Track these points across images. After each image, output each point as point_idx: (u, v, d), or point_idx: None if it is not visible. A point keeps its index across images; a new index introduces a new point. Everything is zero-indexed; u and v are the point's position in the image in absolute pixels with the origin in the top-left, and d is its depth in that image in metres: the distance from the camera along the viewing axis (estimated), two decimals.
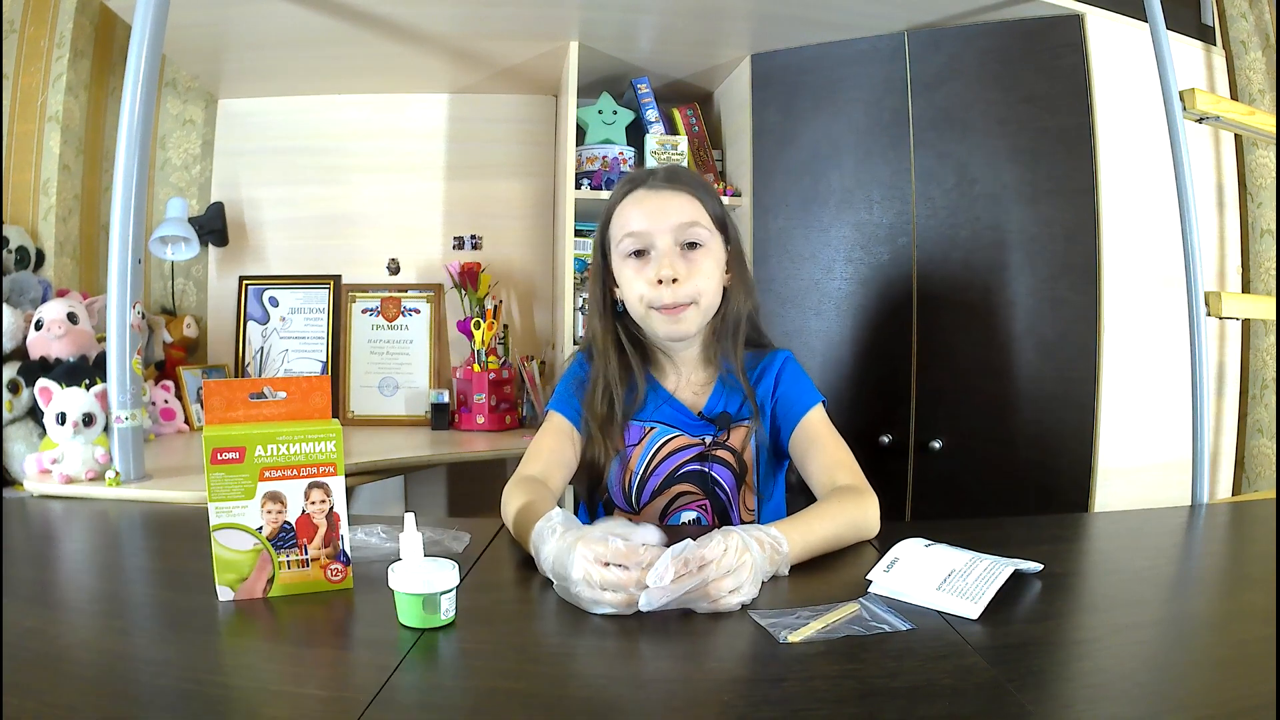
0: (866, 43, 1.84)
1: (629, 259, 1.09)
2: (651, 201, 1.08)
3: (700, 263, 1.07)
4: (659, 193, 1.09)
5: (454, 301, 2.21)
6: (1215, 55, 1.89)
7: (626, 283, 1.09)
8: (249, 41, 1.90)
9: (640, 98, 2.04)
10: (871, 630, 0.69)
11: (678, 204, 1.08)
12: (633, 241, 1.08)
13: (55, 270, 1.98)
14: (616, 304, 1.13)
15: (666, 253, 1.06)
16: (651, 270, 1.06)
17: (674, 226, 1.07)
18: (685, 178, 1.12)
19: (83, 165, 2.10)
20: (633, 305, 1.10)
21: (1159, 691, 0.61)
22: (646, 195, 1.09)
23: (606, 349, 1.13)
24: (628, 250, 1.08)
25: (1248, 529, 1.18)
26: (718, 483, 1.11)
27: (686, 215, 1.07)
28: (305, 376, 1.03)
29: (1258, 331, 1.91)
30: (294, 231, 2.27)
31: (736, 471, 1.12)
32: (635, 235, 1.07)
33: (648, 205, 1.08)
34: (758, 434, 1.12)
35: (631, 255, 1.08)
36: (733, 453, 1.12)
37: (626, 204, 1.10)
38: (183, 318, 2.19)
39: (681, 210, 1.08)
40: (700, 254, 1.08)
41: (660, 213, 1.07)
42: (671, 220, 1.07)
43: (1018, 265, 1.75)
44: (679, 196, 1.09)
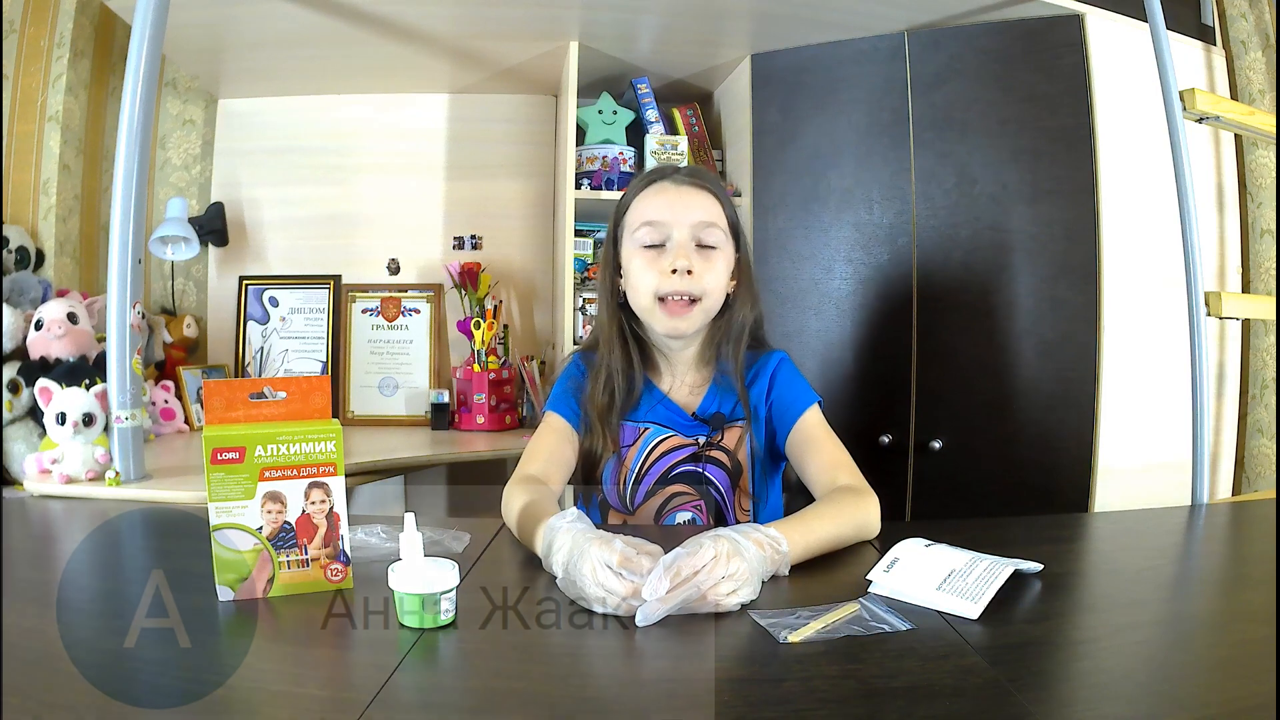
0: (866, 43, 1.84)
1: (642, 250, 1.08)
2: (674, 194, 1.09)
3: (713, 263, 1.08)
4: (682, 187, 1.10)
5: (454, 301, 2.21)
6: (1215, 55, 1.89)
7: (636, 273, 1.09)
8: (249, 41, 1.90)
9: (640, 98, 2.04)
10: (871, 630, 0.69)
11: (700, 201, 1.09)
12: (649, 231, 1.08)
13: (55, 270, 1.99)
14: (620, 295, 1.13)
15: (682, 244, 1.06)
16: (666, 260, 1.06)
17: (693, 223, 1.07)
18: (709, 178, 1.13)
19: (83, 165, 2.10)
20: (639, 298, 1.09)
21: (1159, 691, 0.61)
22: (670, 187, 1.10)
23: (612, 338, 1.13)
24: (642, 240, 1.08)
25: (1248, 529, 1.18)
26: (712, 483, 1.11)
27: (707, 215, 1.08)
28: (305, 376, 1.03)
29: (1258, 331, 1.91)
30: (294, 231, 2.27)
31: (731, 472, 1.12)
32: (654, 225, 1.07)
33: (670, 196, 1.09)
34: (751, 435, 1.12)
35: (645, 247, 1.08)
36: (726, 453, 1.12)
37: (648, 193, 1.10)
38: (183, 318, 2.19)
39: (703, 208, 1.08)
40: (714, 255, 1.08)
41: (682, 206, 1.08)
42: (692, 216, 1.07)
43: (1018, 265, 1.75)
44: (702, 194, 1.09)
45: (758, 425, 1.13)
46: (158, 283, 2.28)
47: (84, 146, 2.10)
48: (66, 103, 2.01)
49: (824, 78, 1.88)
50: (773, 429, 1.13)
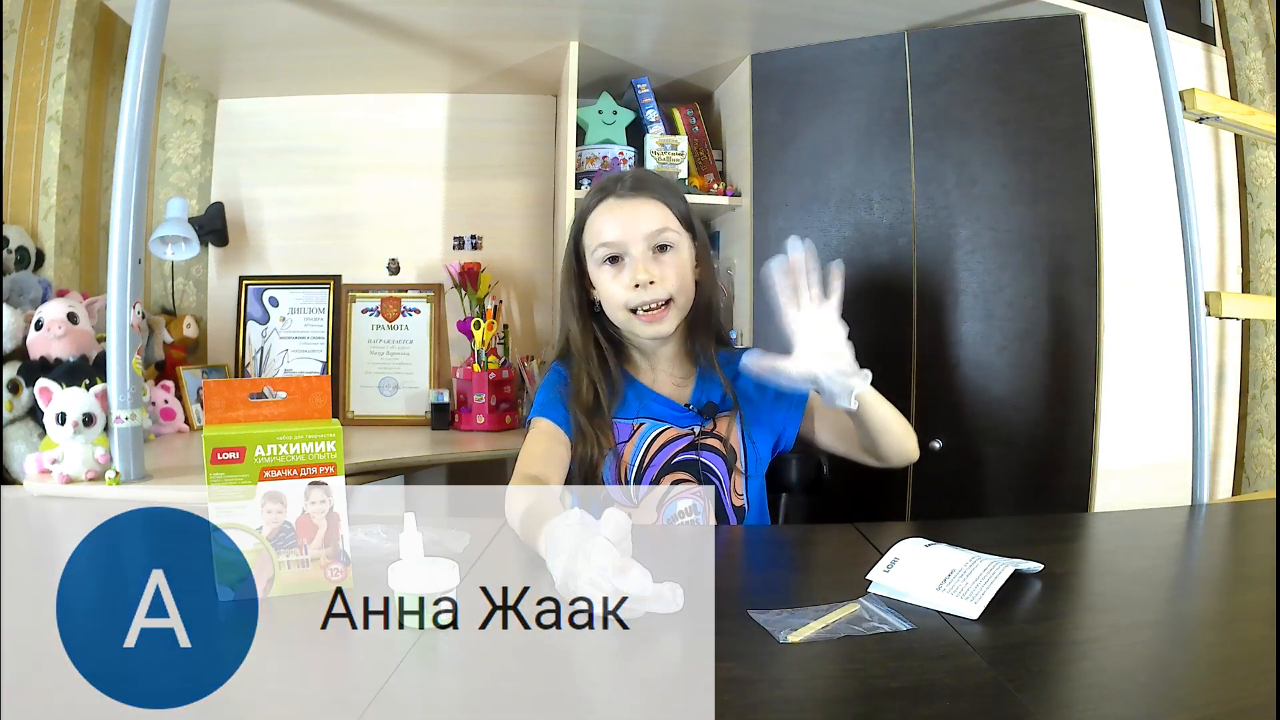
0: (866, 43, 1.84)
1: (604, 265, 1.14)
2: (622, 211, 1.14)
3: (672, 263, 1.13)
4: (627, 201, 1.15)
5: (454, 301, 2.21)
6: (1215, 55, 1.89)
7: (604, 286, 1.15)
8: (249, 41, 1.90)
9: (640, 98, 2.04)
10: (871, 630, 0.69)
11: (647, 212, 1.14)
12: (607, 250, 1.14)
13: (55, 270, 1.98)
14: (593, 304, 1.18)
15: (640, 258, 1.12)
16: (627, 276, 1.12)
17: (645, 234, 1.13)
18: (651, 182, 1.18)
19: (83, 165, 2.10)
20: (613, 311, 1.15)
21: (1159, 691, 0.61)
22: (617, 204, 1.15)
23: (586, 347, 1.17)
24: (602, 258, 1.14)
25: (1248, 529, 1.18)
26: (710, 469, 1.15)
27: (656, 222, 1.13)
28: (305, 376, 1.03)
29: (1258, 331, 1.91)
30: (294, 231, 2.26)
31: (726, 458, 1.16)
32: (609, 245, 1.14)
33: (618, 214, 1.14)
34: (743, 421, 1.17)
35: (606, 262, 1.14)
36: (721, 440, 1.16)
37: (598, 213, 1.16)
38: (183, 318, 2.19)
39: (651, 218, 1.13)
40: (671, 255, 1.14)
41: (631, 222, 1.13)
42: (642, 229, 1.13)
43: (1018, 265, 1.75)
44: (647, 204, 1.14)
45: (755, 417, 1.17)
46: (158, 283, 2.28)
47: (84, 146, 2.10)
48: (66, 103, 2.01)
49: (824, 78, 1.88)
50: (778, 415, 1.17)
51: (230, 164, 2.26)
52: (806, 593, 0.80)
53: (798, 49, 1.90)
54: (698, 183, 2.02)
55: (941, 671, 0.62)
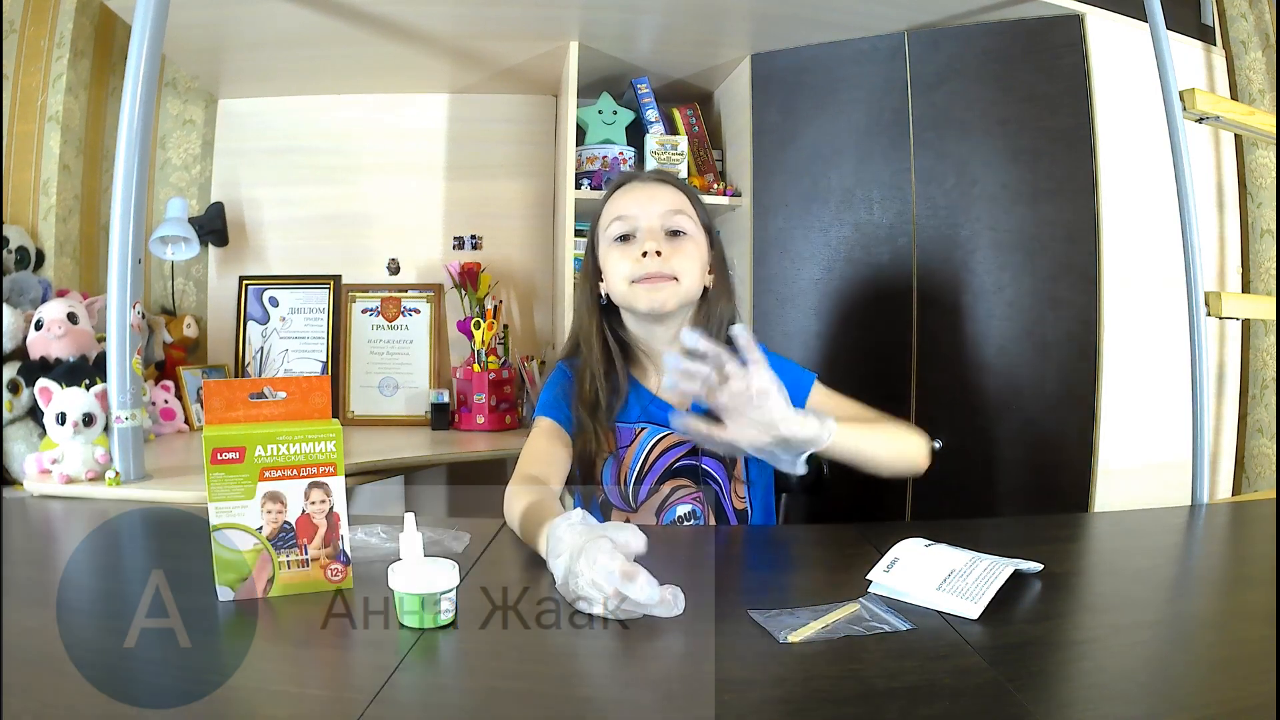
0: (866, 43, 1.84)
1: (615, 244, 1.13)
2: (640, 191, 1.15)
3: (683, 247, 1.12)
4: (648, 184, 1.16)
5: (454, 301, 2.21)
6: (1215, 55, 1.89)
7: (612, 265, 1.13)
8: (249, 41, 1.90)
9: (640, 98, 2.04)
10: (871, 630, 0.69)
11: (664, 194, 1.14)
12: (620, 225, 1.13)
13: (55, 270, 1.99)
14: (602, 298, 1.17)
15: (651, 231, 1.11)
16: (635, 248, 1.10)
17: (660, 213, 1.12)
18: (674, 178, 1.19)
19: (83, 165, 2.10)
20: (615, 285, 1.13)
21: (1159, 691, 0.61)
22: (636, 186, 1.16)
23: (591, 339, 1.16)
24: (614, 235, 1.13)
25: (1248, 529, 1.18)
26: (709, 475, 1.14)
27: (672, 204, 1.13)
28: (305, 376, 1.03)
29: (1258, 331, 1.91)
30: (294, 231, 2.27)
31: (726, 463, 1.15)
32: (623, 219, 1.13)
33: (636, 193, 1.14)
34: None
35: (618, 240, 1.13)
36: None
37: (617, 195, 1.16)
38: (183, 318, 2.19)
39: (668, 199, 1.13)
40: (684, 240, 1.12)
41: (648, 199, 1.13)
42: (658, 207, 1.12)
43: (1018, 265, 1.75)
44: (666, 189, 1.15)
45: None
46: (158, 283, 2.28)
47: (84, 146, 2.10)
48: (66, 103, 2.01)
49: (824, 78, 1.88)
50: None
51: (230, 164, 2.26)
52: (806, 593, 0.80)
53: (798, 49, 1.90)
54: (698, 183, 2.02)
55: (941, 671, 0.62)
